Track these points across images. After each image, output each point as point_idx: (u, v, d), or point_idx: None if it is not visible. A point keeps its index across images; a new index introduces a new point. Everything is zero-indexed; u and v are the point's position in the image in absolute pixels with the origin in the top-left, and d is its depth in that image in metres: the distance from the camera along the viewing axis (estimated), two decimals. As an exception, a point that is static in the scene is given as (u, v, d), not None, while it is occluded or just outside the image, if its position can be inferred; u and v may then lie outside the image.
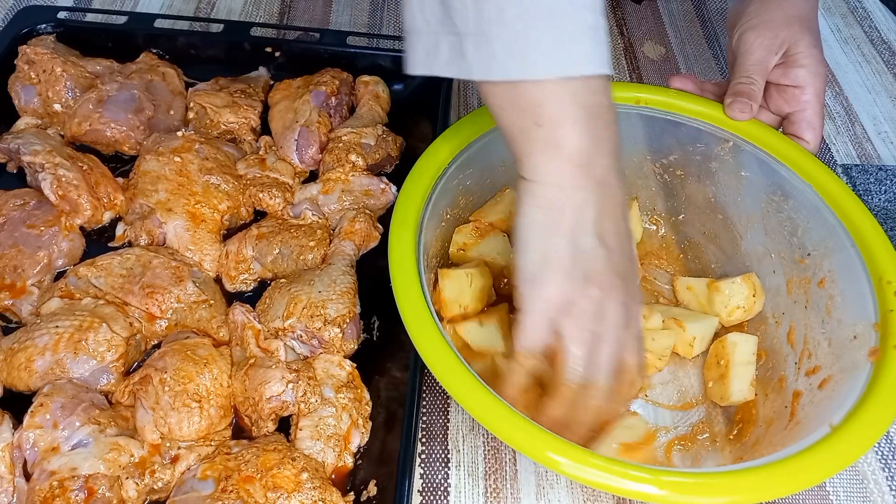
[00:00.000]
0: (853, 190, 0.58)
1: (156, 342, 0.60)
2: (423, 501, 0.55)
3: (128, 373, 0.58)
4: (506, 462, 0.57)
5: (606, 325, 0.46)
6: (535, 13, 0.42)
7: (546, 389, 0.48)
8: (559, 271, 0.45)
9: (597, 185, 0.45)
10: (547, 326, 0.46)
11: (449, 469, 0.57)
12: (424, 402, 0.60)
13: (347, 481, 0.53)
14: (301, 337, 0.58)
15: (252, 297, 0.63)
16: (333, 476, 0.53)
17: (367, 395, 0.57)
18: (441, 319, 0.50)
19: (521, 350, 0.47)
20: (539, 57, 0.42)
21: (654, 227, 0.69)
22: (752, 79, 0.61)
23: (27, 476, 0.50)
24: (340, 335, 0.58)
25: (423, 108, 0.75)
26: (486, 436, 0.58)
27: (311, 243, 0.65)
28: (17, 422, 0.53)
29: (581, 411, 0.47)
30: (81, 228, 0.67)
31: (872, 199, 0.75)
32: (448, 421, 0.59)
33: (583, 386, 0.46)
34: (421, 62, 0.46)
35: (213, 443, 0.53)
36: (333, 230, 0.67)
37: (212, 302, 0.61)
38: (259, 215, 0.70)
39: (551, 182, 0.45)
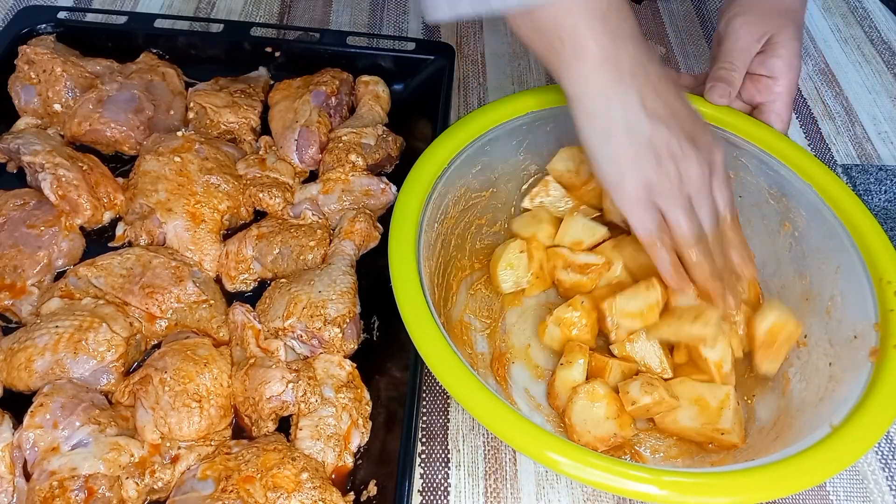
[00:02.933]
0: (853, 190, 0.58)
1: (156, 342, 0.60)
2: (423, 501, 0.55)
3: (128, 373, 0.58)
4: (506, 462, 0.57)
5: (694, 188, 0.51)
6: None
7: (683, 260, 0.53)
8: (632, 165, 0.50)
9: (629, 75, 0.49)
10: (647, 211, 0.51)
11: (449, 469, 0.57)
12: (424, 402, 0.60)
13: (347, 481, 0.53)
14: (301, 337, 0.58)
15: (252, 297, 0.63)
16: (333, 476, 0.53)
17: (367, 395, 0.57)
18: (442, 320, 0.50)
19: (647, 237, 0.52)
20: None
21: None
22: (734, 65, 0.62)
23: (27, 476, 0.50)
24: (340, 335, 0.58)
25: (423, 108, 0.75)
26: (486, 436, 0.58)
27: (311, 243, 0.65)
28: (17, 422, 0.53)
29: (717, 259, 0.53)
30: (81, 228, 0.67)
31: (872, 199, 0.75)
32: (448, 421, 0.59)
33: (700, 240, 0.52)
34: (443, 6, 0.48)
35: (213, 443, 0.53)
36: (333, 230, 0.67)
37: (212, 302, 0.61)
38: (259, 215, 0.70)
39: (589, 90, 0.49)
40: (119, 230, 0.67)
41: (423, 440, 0.58)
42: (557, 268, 0.62)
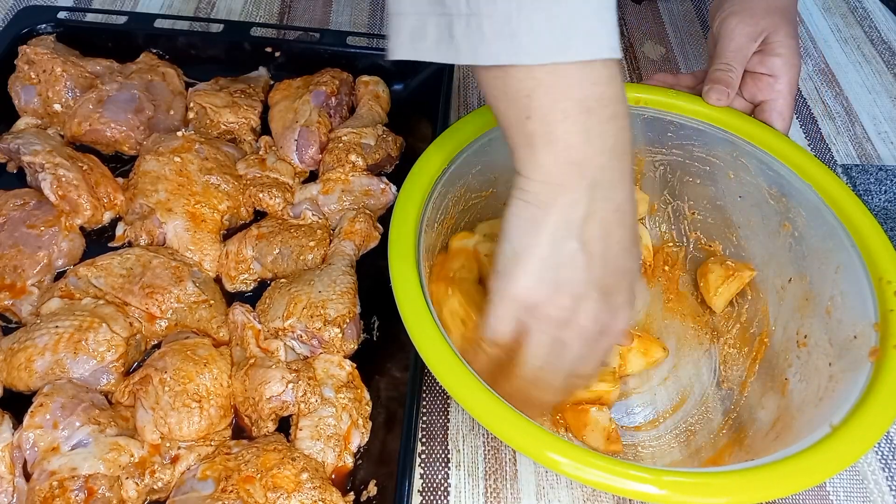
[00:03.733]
0: (853, 190, 0.58)
1: (156, 342, 0.60)
2: (423, 501, 0.55)
3: (128, 373, 0.58)
4: (506, 462, 0.57)
5: (572, 335, 0.44)
6: None
7: (505, 367, 0.48)
8: (530, 273, 0.43)
9: (588, 187, 0.42)
10: (512, 321, 0.45)
11: (449, 469, 0.57)
12: (424, 402, 0.60)
13: (347, 481, 0.53)
14: (301, 337, 0.58)
15: (252, 297, 0.63)
16: (333, 476, 0.53)
17: (367, 395, 0.57)
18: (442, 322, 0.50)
19: (490, 337, 0.47)
20: (529, 40, 0.38)
21: (653, 229, 0.69)
22: (731, 66, 0.62)
23: (27, 476, 0.50)
24: (340, 335, 0.58)
25: (423, 108, 0.75)
26: (486, 436, 0.58)
27: (311, 243, 0.65)
28: (17, 422, 0.53)
29: (536, 393, 0.48)
30: (81, 228, 0.67)
31: (872, 199, 0.75)
32: (448, 421, 0.59)
33: (537, 379, 0.46)
34: (405, 46, 0.42)
35: (213, 443, 0.53)
36: (333, 230, 0.67)
37: (212, 302, 0.61)
38: (259, 215, 0.70)
39: (540, 178, 0.42)
40: (119, 230, 0.67)
41: (423, 440, 0.58)
42: None
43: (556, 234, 0.42)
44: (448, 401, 0.60)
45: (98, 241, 0.67)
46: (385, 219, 0.69)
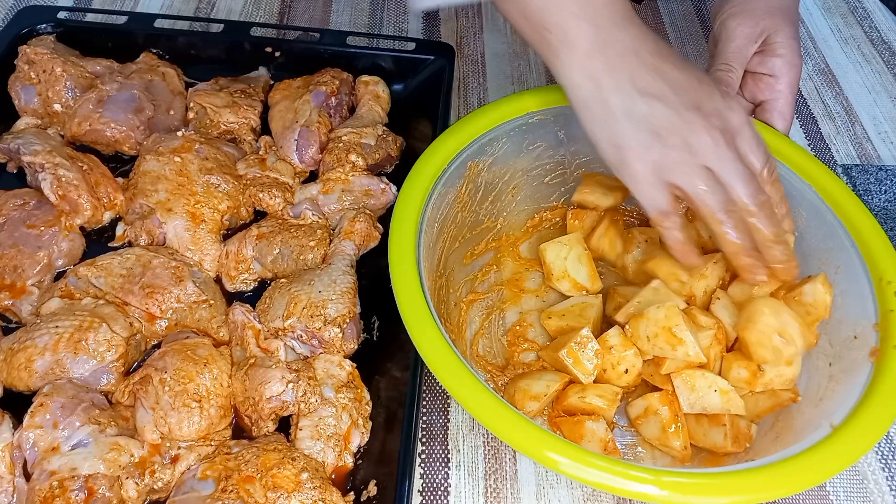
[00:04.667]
0: (853, 190, 0.58)
1: (156, 342, 0.60)
2: (423, 501, 0.55)
3: (128, 373, 0.58)
4: (506, 462, 0.57)
5: (705, 154, 0.48)
6: None
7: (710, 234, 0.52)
8: (633, 148, 0.49)
9: (619, 59, 0.48)
10: (657, 189, 0.50)
11: (449, 469, 0.57)
12: (424, 402, 0.60)
13: (347, 481, 0.53)
14: (301, 337, 0.58)
15: (252, 297, 0.63)
16: (333, 476, 0.53)
17: (367, 395, 0.57)
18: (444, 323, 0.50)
19: (656, 216, 0.51)
20: None
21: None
22: (731, 66, 0.62)
23: (27, 476, 0.50)
24: (340, 335, 0.58)
25: (423, 108, 0.75)
26: (486, 436, 0.58)
27: (311, 243, 0.65)
28: (17, 422, 0.53)
29: (752, 230, 0.50)
30: (81, 228, 0.67)
31: (872, 199, 0.75)
32: (448, 421, 0.59)
33: (728, 211, 0.49)
34: None
35: (213, 443, 0.53)
36: (333, 230, 0.67)
37: (212, 302, 0.61)
38: (259, 215, 0.70)
39: (580, 80, 0.49)
40: (119, 230, 0.67)
41: (423, 440, 0.58)
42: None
43: (624, 107, 0.48)
44: (448, 401, 0.60)
45: (98, 241, 0.67)
46: (385, 219, 0.69)
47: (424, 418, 0.59)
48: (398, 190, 0.58)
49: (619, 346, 0.55)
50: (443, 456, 0.57)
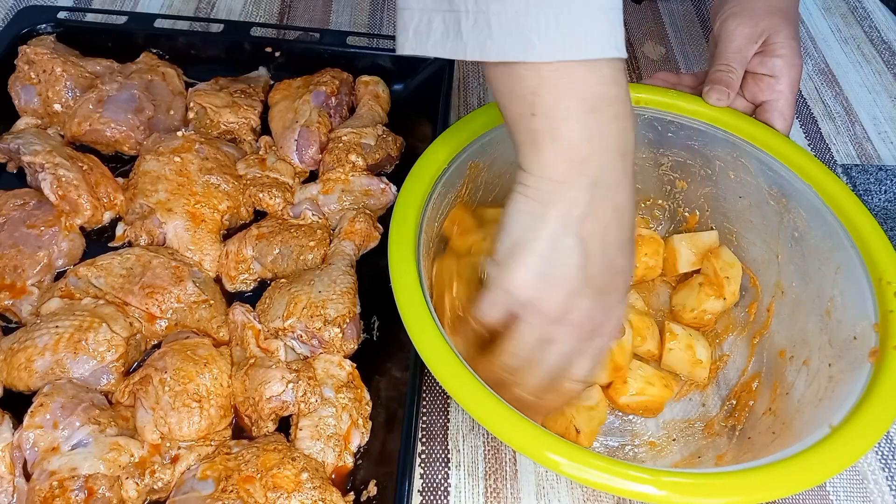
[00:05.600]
0: (853, 190, 0.58)
1: (156, 342, 0.60)
2: (423, 501, 0.55)
3: (128, 373, 0.58)
4: (506, 462, 0.57)
5: (562, 332, 0.44)
6: None
7: (487, 349, 0.48)
8: (527, 267, 0.43)
9: (590, 185, 0.42)
10: (503, 310, 0.45)
11: (449, 469, 0.57)
12: (424, 402, 0.60)
13: (347, 481, 0.53)
14: (301, 337, 0.58)
15: (252, 297, 0.63)
16: (333, 476, 0.53)
17: (367, 395, 0.57)
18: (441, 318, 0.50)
19: (476, 316, 0.47)
20: (537, 38, 0.39)
21: (654, 229, 0.69)
22: (731, 66, 0.62)
23: (27, 476, 0.50)
24: (340, 335, 0.58)
25: (423, 108, 0.75)
26: (486, 436, 0.58)
27: (311, 243, 0.65)
28: (17, 422, 0.53)
29: (512, 387, 0.47)
30: (81, 228, 0.67)
31: (872, 199, 0.75)
32: (448, 421, 0.59)
33: (515, 372, 0.46)
34: (410, 41, 0.43)
35: (213, 443, 0.53)
36: (333, 230, 0.67)
37: (212, 302, 0.61)
38: (259, 215, 0.70)
39: (542, 175, 0.42)
40: (119, 230, 0.67)
41: (423, 440, 0.58)
42: None
43: (555, 230, 0.43)
44: (448, 401, 0.60)
45: (98, 241, 0.67)
46: (385, 219, 0.69)
47: (424, 418, 0.59)
48: (398, 190, 0.58)
49: None
50: (443, 456, 0.57)
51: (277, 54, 0.81)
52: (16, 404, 0.54)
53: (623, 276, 0.46)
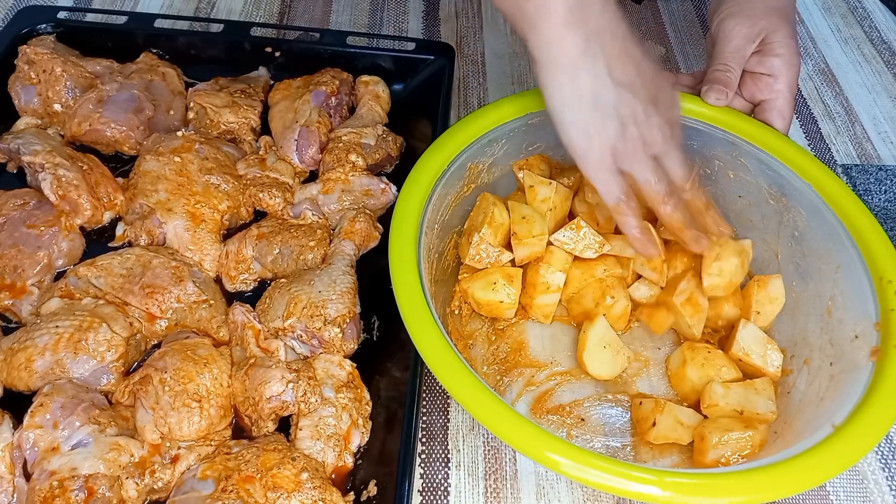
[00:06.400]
0: (853, 190, 0.58)
1: (156, 342, 0.60)
2: (423, 501, 0.55)
3: (128, 373, 0.58)
4: (506, 462, 0.57)
5: (656, 146, 0.52)
6: None
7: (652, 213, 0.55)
8: (596, 133, 0.50)
9: (595, 39, 0.48)
10: (614, 176, 0.52)
11: (449, 469, 0.57)
12: (424, 402, 0.60)
13: (347, 481, 0.53)
14: (301, 337, 0.58)
15: (252, 297, 0.63)
16: (333, 476, 0.52)
17: (367, 395, 0.57)
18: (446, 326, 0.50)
19: (614, 204, 0.53)
20: None
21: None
22: (729, 66, 0.62)
23: (27, 476, 0.50)
24: (340, 335, 0.58)
25: (423, 108, 0.75)
26: (486, 436, 0.58)
27: (311, 243, 0.65)
28: (17, 422, 0.53)
29: (690, 205, 0.55)
30: (81, 228, 0.67)
31: (872, 199, 0.75)
32: (448, 421, 0.59)
33: (672, 195, 0.53)
34: None
35: (213, 443, 0.53)
36: (333, 230, 0.67)
37: (212, 302, 0.61)
38: (259, 215, 0.70)
39: (554, 55, 0.48)
40: (119, 230, 0.67)
41: (423, 440, 0.58)
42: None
43: (595, 90, 0.49)
44: (448, 401, 0.60)
45: (98, 241, 0.67)
46: (385, 219, 0.69)
47: (424, 418, 0.59)
48: (398, 190, 0.58)
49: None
50: (443, 456, 0.57)
51: (277, 54, 0.81)
52: (16, 404, 0.54)
53: (657, 75, 0.52)
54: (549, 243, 0.61)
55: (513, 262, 0.61)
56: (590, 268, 0.61)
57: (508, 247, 0.61)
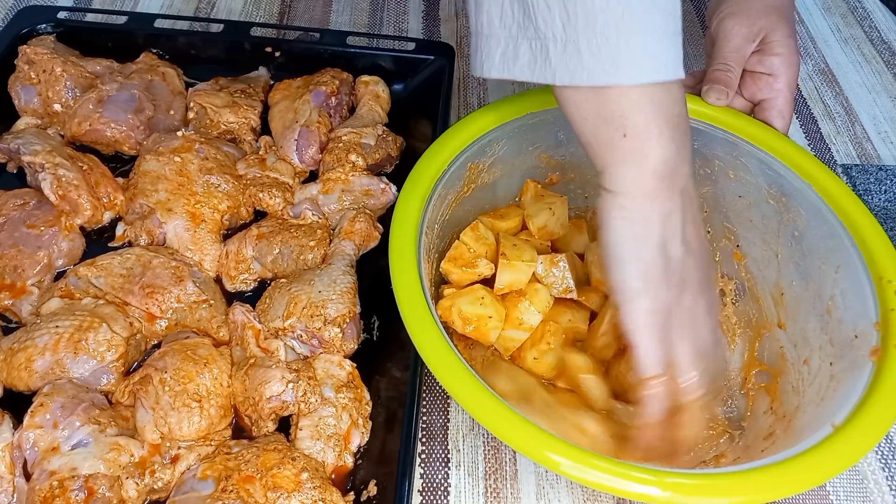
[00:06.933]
0: (853, 190, 0.58)
1: (156, 342, 0.60)
2: (423, 501, 0.55)
3: (128, 373, 0.58)
4: (506, 462, 0.57)
5: (698, 331, 0.47)
6: (625, 19, 0.41)
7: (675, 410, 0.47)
8: (657, 281, 0.45)
9: (680, 195, 0.45)
10: (661, 342, 0.46)
11: (449, 469, 0.57)
12: (424, 402, 0.60)
13: (347, 481, 0.53)
14: (301, 337, 0.58)
15: (252, 297, 0.63)
16: (333, 476, 0.53)
17: (367, 395, 0.57)
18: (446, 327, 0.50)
19: (649, 374, 0.46)
20: (628, 63, 0.42)
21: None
22: (729, 66, 0.62)
23: (27, 476, 0.50)
24: (340, 335, 0.58)
25: (423, 108, 0.75)
26: (486, 436, 0.58)
27: (311, 243, 0.65)
28: (17, 422, 0.53)
29: (693, 423, 0.48)
30: (81, 228, 0.67)
31: (872, 199, 0.75)
32: (448, 421, 0.59)
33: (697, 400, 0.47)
34: (497, 65, 0.45)
35: (213, 443, 0.53)
36: (333, 230, 0.67)
37: (212, 302, 0.61)
38: (259, 215, 0.70)
39: (638, 193, 0.45)
40: (119, 230, 0.67)
41: (423, 440, 0.58)
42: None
43: (665, 243, 0.45)
44: (448, 401, 0.60)
45: (98, 241, 0.67)
46: (385, 219, 0.69)
47: (424, 418, 0.59)
48: (398, 190, 0.58)
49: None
50: (443, 456, 0.57)
51: (277, 54, 0.81)
52: (16, 404, 0.54)
53: (714, 264, 0.51)
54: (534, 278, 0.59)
55: (488, 282, 0.59)
56: (556, 313, 0.60)
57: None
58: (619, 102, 0.43)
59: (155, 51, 0.80)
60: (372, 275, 0.64)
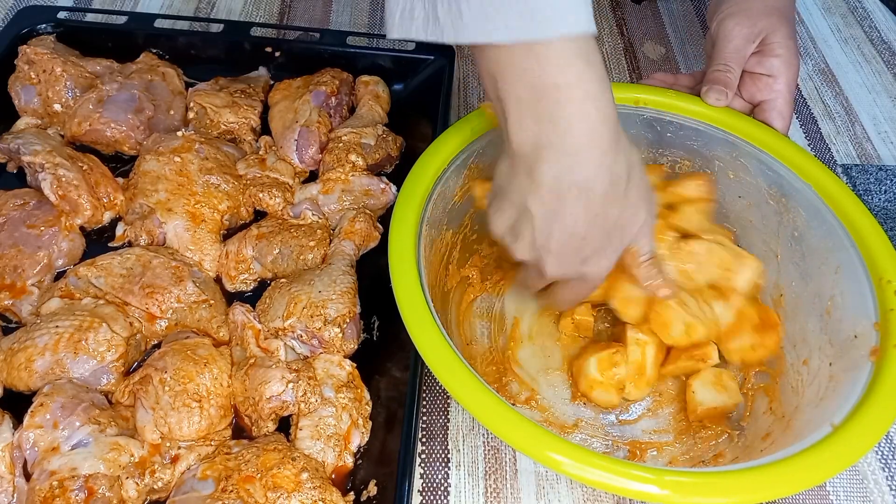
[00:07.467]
0: (853, 190, 0.58)
1: (156, 342, 0.60)
2: (423, 501, 0.55)
3: (128, 373, 0.58)
4: (506, 462, 0.57)
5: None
6: None
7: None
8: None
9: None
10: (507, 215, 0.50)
11: (449, 469, 0.57)
12: (424, 402, 0.60)
13: (347, 481, 0.53)
14: (301, 337, 0.58)
15: (252, 297, 0.63)
16: (333, 476, 0.53)
17: (367, 395, 0.57)
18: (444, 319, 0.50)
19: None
20: (502, 22, 0.41)
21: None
22: (729, 66, 0.62)
23: (27, 476, 0.50)
24: (340, 335, 0.58)
25: (423, 108, 0.75)
26: (486, 436, 0.58)
27: (311, 243, 0.65)
28: (17, 422, 0.53)
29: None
30: (81, 228, 0.67)
31: (872, 199, 0.75)
32: (448, 421, 0.59)
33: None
34: (397, 25, 0.45)
35: (213, 443, 0.53)
36: (333, 230, 0.67)
37: (212, 302, 0.61)
38: (259, 215, 0.70)
39: (513, 151, 0.46)
40: (119, 230, 0.67)
41: (423, 440, 0.58)
42: None
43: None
44: (448, 401, 0.60)
45: (98, 241, 0.67)
46: (385, 219, 0.69)
47: (424, 418, 0.59)
48: (398, 190, 0.58)
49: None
50: (443, 456, 0.57)
51: (277, 54, 0.81)
52: (16, 404, 0.54)
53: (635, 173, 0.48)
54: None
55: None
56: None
57: None
58: (494, 63, 0.43)
59: (155, 51, 0.80)
60: (372, 275, 0.64)
